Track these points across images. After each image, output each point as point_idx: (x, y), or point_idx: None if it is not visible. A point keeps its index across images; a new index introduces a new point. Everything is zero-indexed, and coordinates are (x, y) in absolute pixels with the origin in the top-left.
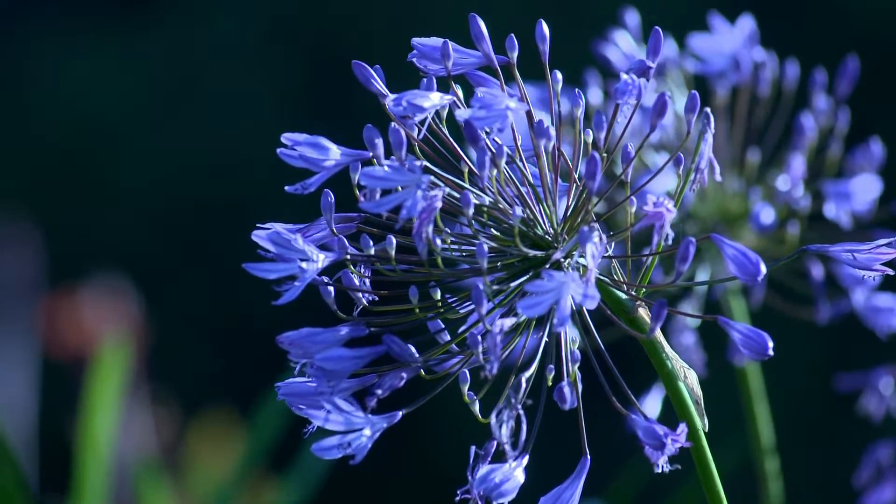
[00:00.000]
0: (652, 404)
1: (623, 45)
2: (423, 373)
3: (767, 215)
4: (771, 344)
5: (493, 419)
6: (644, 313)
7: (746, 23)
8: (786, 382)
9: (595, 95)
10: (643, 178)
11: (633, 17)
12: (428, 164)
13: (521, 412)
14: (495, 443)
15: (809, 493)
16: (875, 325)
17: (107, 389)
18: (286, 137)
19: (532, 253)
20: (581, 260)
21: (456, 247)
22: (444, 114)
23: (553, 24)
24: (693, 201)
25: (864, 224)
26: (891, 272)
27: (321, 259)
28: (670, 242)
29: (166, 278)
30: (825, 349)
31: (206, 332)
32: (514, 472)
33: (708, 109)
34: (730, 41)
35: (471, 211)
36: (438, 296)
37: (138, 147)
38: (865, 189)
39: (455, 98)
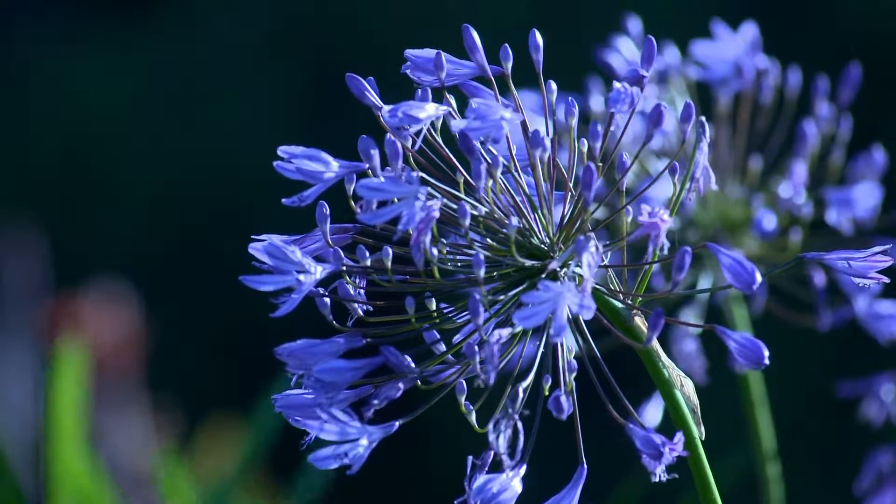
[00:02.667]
0: (653, 413)
1: (625, 52)
2: (419, 383)
3: (769, 222)
4: (766, 353)
5: (490, 429)
6: (641, 322)
7: (749, 30)
8: (787, 389)
9: (597, 102)
10: (643, 186)
11: (635, 24)
12: (424, 175)
13: (519, 422)
14: (492, 452)
15: (810, 500)
16: (877, 333)
17: (67, 393)
18: (283, 150)
19: (528, 263)
20: (577, 269)
21: (452, 257)
22: (439, 125)
23: (555, 30)
24: (695, 208)
25: (866, 231)
26: (886, 280)
27: (318, 271)
28: (666, 252)
29: (166, 283)
30: (827, 355)
31: (207, 337)
32: (512, 482)
33: (703, 118)
34: (732, 48)
35: (467, 221)
36: (434, 306)
37: (139, 151)
38: (867, 196)
39: (450, 109)
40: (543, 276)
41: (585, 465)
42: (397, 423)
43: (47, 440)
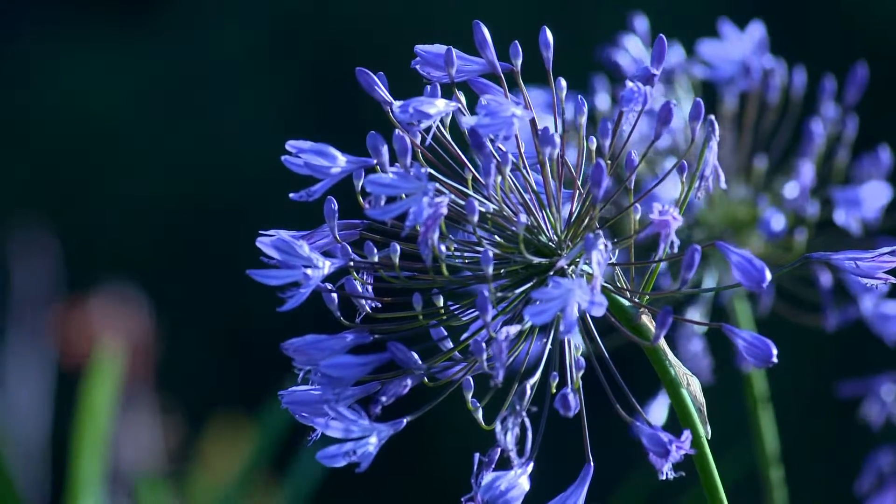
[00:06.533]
0: (658, 411)
1: (632, 51)
2: (426, 380)
3: (778, 222)
4: (775, 351)
5: (497, 426)
6: (648, 320)
7: (756, 29)
8: (789, 388)
9: (603, 101)
10: (650, 185)
11: (641, 23)
12: (432, 172)
13: (526, 419)
14: (499, 450)
15: (812, 499)
16: (883, 333)
17: (102, 396)
18: (290, 145)
19: (536, 260)
20: (585, 267)
21: (459, 254)
22: (448, 121)
23: (559, 28)
24: (701, 208)
25: (873, 231)
26: (894, 280)
27: (326, 266)
28: (676, 250)
29: (169, 284)
30: (829, 356)
31: (210, 338)
32: (519, 480)
33: (712, 117)
34: (739, 47)
35: (475, 218)
36: (442, 303)
37: (139, 152)
38: (875, 196)
39: (459, 105)
40: (552, 273)
41: (592, 464)
42: (405, 420)
43: (74, 444)
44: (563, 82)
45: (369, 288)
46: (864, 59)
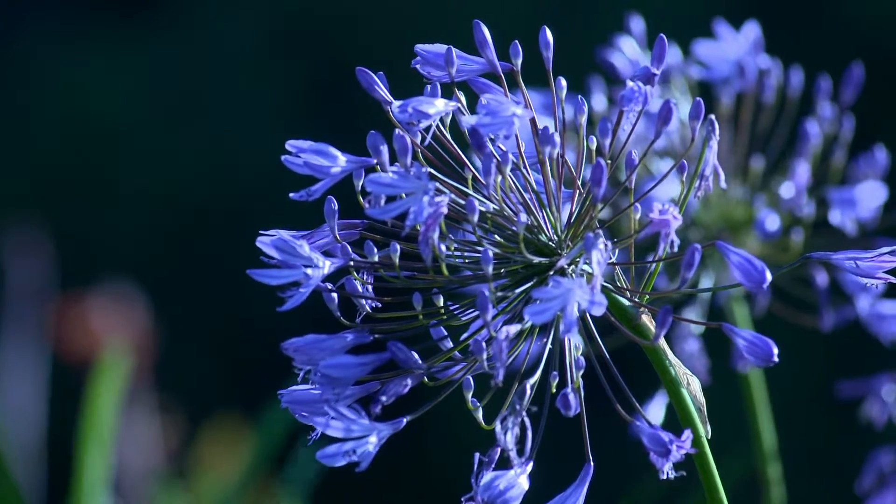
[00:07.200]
0: (655, 411)
1: (628, 52)
2: (426, 380)
3: (772, 222)
4: (776, 350)
5: (497, 426)
6: (647, 320)
7: (751, 29)
8: (788, 388)
9: (599, 102)
10: (647, 185)
11: (637, 24)
12: (432, 171)
13: (526, 419)
14: (499, 449)
15: (811, 500)
16: (879, 333)
17: (107, 397)
18: (291, 144)
19: (536, 259)
20: (585, 267)
21: (459, 254)
22: (448, 120)
23: (554, 29)
24: (697, 208)
25: (869, 231)
26: (894, 280)
27: (326, 265)
28: (676, 249)
29: (169, 284)
30: (828, 355)
31: (209, 337)
32: (519, 479)
33: (713, 116)
34: (735, 48)
35: (476, 217)
36: (441, 302)
37: (140, 151)
38: (870, 196)
39: (459, 105)
40: (552, 272)
41: (592, 463)
42: (405, 420)
43: (79, 447)
44: (563, 82)
45: (369, 288)
46: (859, 59)
